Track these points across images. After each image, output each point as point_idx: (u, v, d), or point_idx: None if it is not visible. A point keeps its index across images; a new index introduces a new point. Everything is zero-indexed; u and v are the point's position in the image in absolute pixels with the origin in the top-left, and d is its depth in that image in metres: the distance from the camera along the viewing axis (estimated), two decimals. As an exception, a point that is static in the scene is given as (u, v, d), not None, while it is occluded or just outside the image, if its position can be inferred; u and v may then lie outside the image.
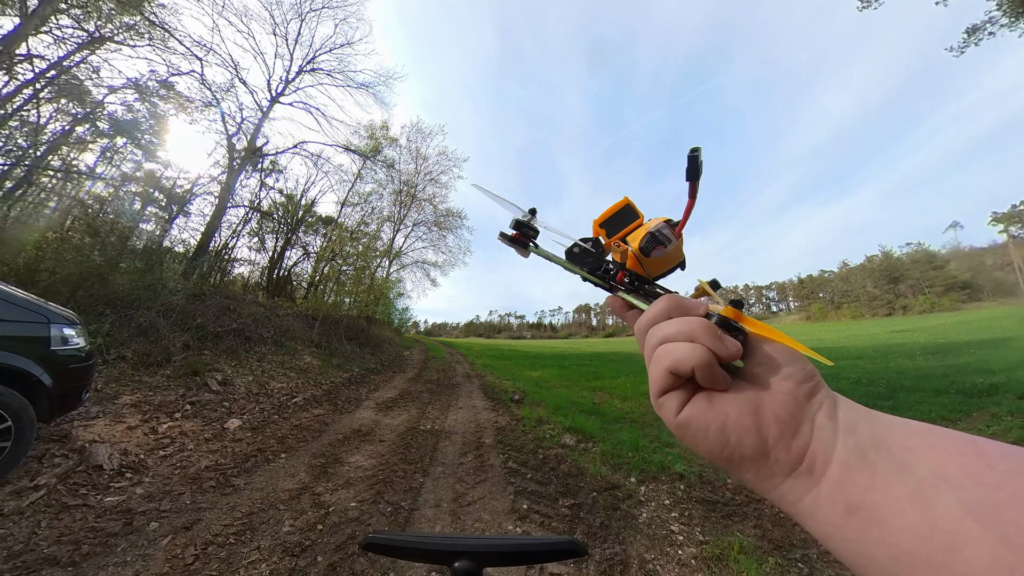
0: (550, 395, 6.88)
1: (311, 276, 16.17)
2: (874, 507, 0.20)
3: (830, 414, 0.25)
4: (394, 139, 19.21)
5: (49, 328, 2.65)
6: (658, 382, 0.28)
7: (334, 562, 1.95)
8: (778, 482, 0.25)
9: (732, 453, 0.26)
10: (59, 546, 2.01)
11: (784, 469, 0.24)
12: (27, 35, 8.01)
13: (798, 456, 0.24)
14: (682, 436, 0.28)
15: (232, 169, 11.85)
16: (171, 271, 8.65)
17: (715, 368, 0.26)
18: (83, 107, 9.50)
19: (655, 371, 0.28)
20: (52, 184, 9.13)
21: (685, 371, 0.26)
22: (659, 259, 0.37)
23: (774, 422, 0.25)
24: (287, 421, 4.60)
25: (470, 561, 0.56)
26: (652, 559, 2.07)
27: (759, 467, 0.25)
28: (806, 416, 0.25)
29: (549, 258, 0.43)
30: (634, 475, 3.20)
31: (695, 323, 0.28)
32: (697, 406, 0.27)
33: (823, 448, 0.24)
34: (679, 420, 0.27)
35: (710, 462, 0.28)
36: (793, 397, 0.26)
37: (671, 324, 0.29)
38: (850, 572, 0.90)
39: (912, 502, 0.19)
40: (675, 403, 0.28)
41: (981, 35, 10.98)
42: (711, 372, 0.26)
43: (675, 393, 0.28)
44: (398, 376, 9.39)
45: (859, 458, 0.22)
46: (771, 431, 0.25)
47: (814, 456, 0.24)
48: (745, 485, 0.25)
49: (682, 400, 0.28)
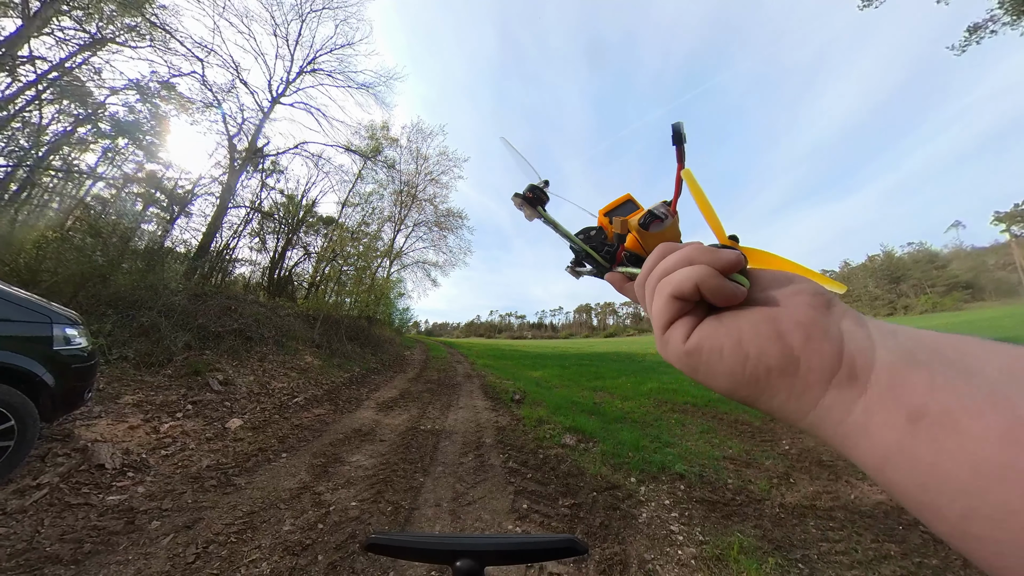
0: (550, 395, 6.88)
1: (312, 276, 16.21)
2: (944, 411, 0.17)
3: (857, 321, 0.22)
4: (394, 139, 19.24)
5: (52, 328, 2.67)
6: (662, 314, 0.26)
7: (334, 561, 1.96)
8: (817, 395, 0.21)
9: (755, 369, 0.22)
10: (61, 544, 2.02)
11: (820, 377, 0.21)
12: (29, 37, 8.04)
13: (834, 359, 0.20)
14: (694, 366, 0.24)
15: (233, 170, 11.88)
16: (173, 271, 8.67)
17: (721, 279, 0.24)
18: (85, 108, 9.53)
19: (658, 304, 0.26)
20: (54, 184, 9.17)
21: (689, 290, 0.24)
22: (657, 234, 0.37)
23: (795, 328, 0.22)
24: (288, 421, 4.61)
25: (472, 560, 0.56)
26: (652, 559, 2.07)
27: (791, 381, 0.21)
28: (830, 321, 0.22)
29: (555, 225, 0.44)
30: (634, 475, 3.20)
31: (689, 247, 0.26)
32: (706, 328, 0.24)
33: (860, 351, 0.20)
34: (688, 346, 0.24)
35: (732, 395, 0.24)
36: (810, 304, 0.23)
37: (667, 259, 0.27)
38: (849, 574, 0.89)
39: (991, 403, 0.16)
40: (682, 330, 0.25)
41: (983, 33, 10.95)
42: (717, 283, 0.23)
43: (681, 321, 0.25)
44: (399, 376, 9.40)
45: (908, 360, 0.19)
46: (794, 336, 0.22)
47: (852, 359, 0.20)
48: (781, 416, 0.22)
49: (689, 327, 0.25)
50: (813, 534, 2.33)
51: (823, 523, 2.46)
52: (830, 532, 2.36)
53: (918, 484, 0.17)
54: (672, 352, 0.26)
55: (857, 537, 2.29)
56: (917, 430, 0.17)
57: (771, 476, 3.23)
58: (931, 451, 0.17)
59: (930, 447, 0.17)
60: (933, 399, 0.18)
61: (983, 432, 0.16)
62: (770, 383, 0.22)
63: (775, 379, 0.22)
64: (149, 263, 8.01)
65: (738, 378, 0.23)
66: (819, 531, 2.36)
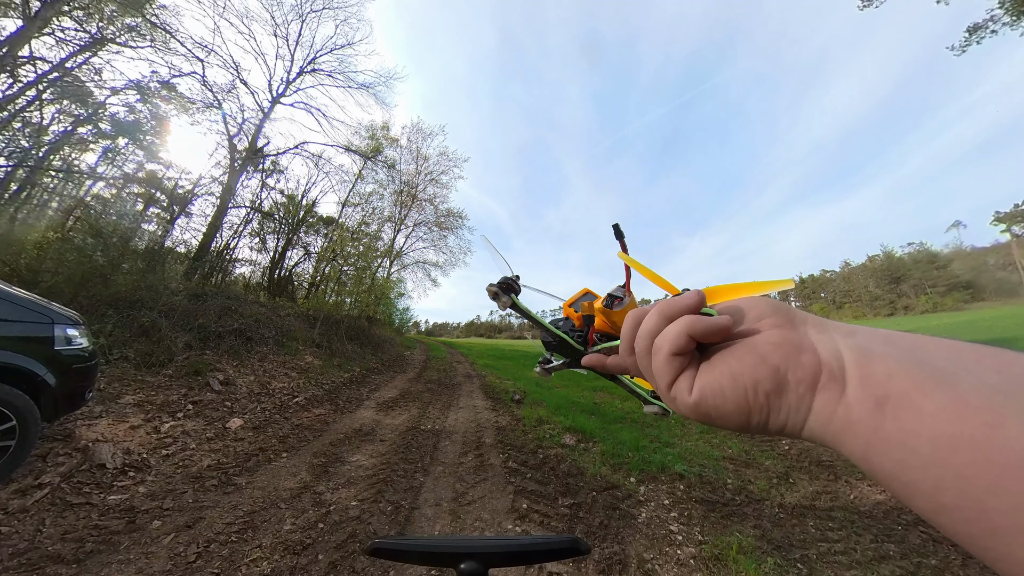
0: (551, 395, 6.88)
1: (312, 276, 16.21)
2: (901, 394, 0.20)
3: (820, 328, 0.26)
4: (395, 139, 19.25)
5: (53, 328, 2.67)
6: (665, 374, 0.28)
7: (335, 560, 1.97)
8: (809, 401, 0.23)
9: (756, 396, 0.25)
10: (63, 544, 2.03)
11: (808, 387, 0.23)
12: (30, 37, 8.05)
13: (815, 368, 0.23)
14: (706, 411, 0.27)
15: (233, 170, 11.89)
16: (173, 271, 8.68)
17: (704, 320, 0.27)
18: (85, 108, 9.54)
19: (658, 364, 0.28)
20: (54, 185, 9.18)
21: (685, 343, 0.27)
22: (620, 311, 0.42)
23: (774, 349, 0.25)
24: (288, 421, 4.62)
25: (476, 563, 0.57)
26: (651, 559, 2.07)
27: (786, 397, 0.24)
28: (799, 335, 0.25)
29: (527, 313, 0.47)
30: (634, 475, 3.21)
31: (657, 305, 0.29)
32: (703, 375, 0.27)
33: (831, 355, 0.23)
34: (694, 397, 0.27)
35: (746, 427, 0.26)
36: (776, 325, 0.26)
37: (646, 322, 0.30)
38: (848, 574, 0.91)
39: (937, 384, 0.19)
40: (686, 384, 0.28)
41: (983, 33, 10.95)
42: (703, 325, 0.27)
43: (683, 376, 0.28)
44: (399, 376, 9.41)
45: (867, 354, 0.22)
46: (776, 357, 0.24)
47: (829, 364, 0.23)
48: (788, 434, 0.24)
49: (690, 379, 0.28)
50: (812, 534, 2.33)
51: (822, 523, 2.47)
52: (829, 532, 2.37)
53: (895, 462, 0.19)
54: (682, 406, 0.28)
55: (856, 537, 2.30)
56: (884, 413, 0.20)
57: (770, 476, 3.24)
58: (897, 429, 0.19)
59: (895, 426, 0.19)
60: (892, 384, 0.20)
61: (935, 408, 0.19)
62: (770, 405, 0.24)
63: (773, 400, 0.24)
64: (149, 263, 8.02)
65: (745, 409, 0.25)
66: (818, 531, 2.37)
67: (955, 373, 0.19)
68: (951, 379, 0.19)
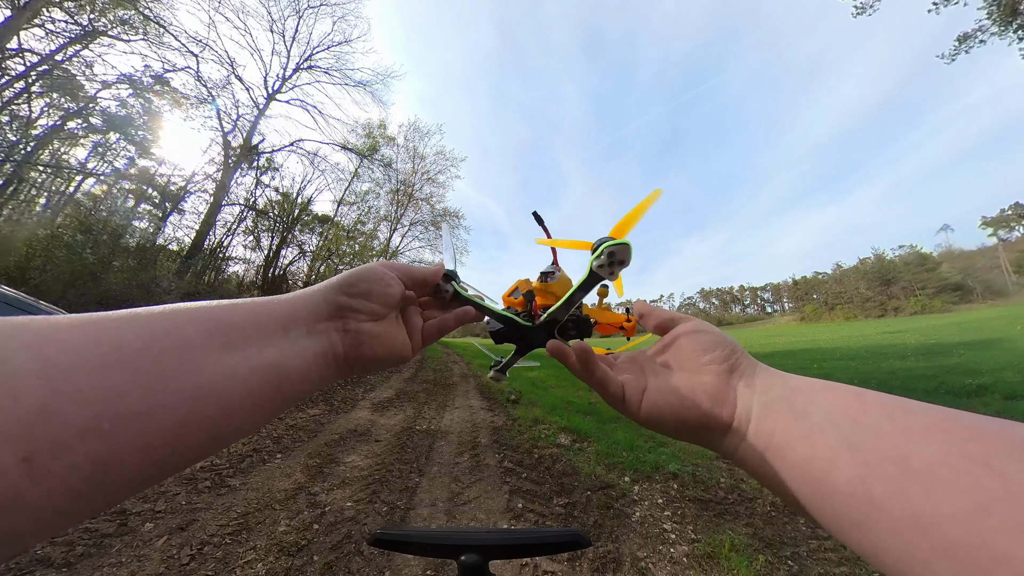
0: (546, 395, 6.90)
1: (307, 275, 16.08)
2: (777, 447, 0.28)
3: (748, 383, 0.33)
4: (391, 138, 19.18)
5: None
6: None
7: (330, 561, 1.96)
8: (720, 438, 0.33)
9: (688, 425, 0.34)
10: (52, 547, 2.00)
11: (721, 431, 0.32)
12: (19, 28, 7.89)
13: (728, 419, 0.32)
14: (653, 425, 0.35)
15: (227, 167, 11.76)
16: (165, 269, 8.56)
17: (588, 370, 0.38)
18: (75, 102, 9.38)
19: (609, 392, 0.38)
20: (43, 180, 9.01)
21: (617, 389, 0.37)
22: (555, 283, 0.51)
23: (707, 398, 0.33)
24: (283, 421, 4.59)
25: (477, 554, 0.57)
26: (645, 557, 2.10)
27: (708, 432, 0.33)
28: (730, 388, 0.33)
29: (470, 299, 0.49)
30: (628, 474, 3.23)
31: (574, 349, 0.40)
32: (651, 396, 0.36)
33: (744, 410, 0.32)
34: (642, 415, 0.35)
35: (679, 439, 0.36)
36: (717, 374, 0.34)
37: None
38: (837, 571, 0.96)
39: (802, 439, 0.27)
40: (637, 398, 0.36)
41: (972, 43, 11.15)
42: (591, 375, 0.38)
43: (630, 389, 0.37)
44: (394, 376, 9.37)
45: (766, 412, 0.30)
46: (707, 404, 0.33)
47: (740, 417, 0.32)
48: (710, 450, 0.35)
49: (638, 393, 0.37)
50: (803, 532, 2.37)
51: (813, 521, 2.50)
52: (819, 530, 2.40)
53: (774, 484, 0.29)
54: (632, 417, 0.36)
55: (845, 535, 2.34)
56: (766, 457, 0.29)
57: (763, 476, 3.27)
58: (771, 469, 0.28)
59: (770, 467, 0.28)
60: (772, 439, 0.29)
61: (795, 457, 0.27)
62: (697, 434, 0.34)
63: (699, 431, 0.34)
64: (141, 261, 7.92)
65: (681, 431, 0.35)
66: (809, 529, 2.41)
67: (821, 427, 0.26)
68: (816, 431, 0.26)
